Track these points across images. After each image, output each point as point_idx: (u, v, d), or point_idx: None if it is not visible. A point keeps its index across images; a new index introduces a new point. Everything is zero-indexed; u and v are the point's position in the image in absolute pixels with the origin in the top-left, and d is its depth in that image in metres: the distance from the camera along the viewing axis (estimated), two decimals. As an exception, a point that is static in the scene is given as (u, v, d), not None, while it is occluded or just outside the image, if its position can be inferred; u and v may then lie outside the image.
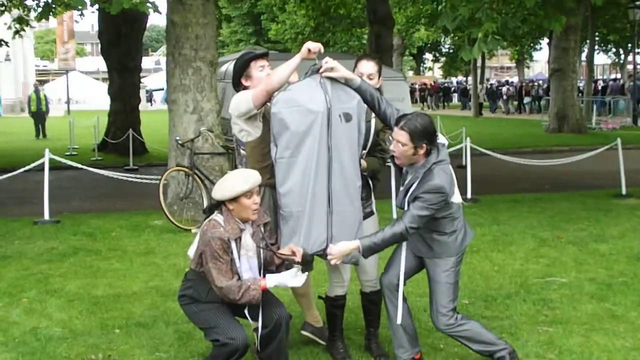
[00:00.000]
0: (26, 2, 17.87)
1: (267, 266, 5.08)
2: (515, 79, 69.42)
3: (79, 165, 13.61)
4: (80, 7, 12.67)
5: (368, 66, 5.51)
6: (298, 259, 4.99)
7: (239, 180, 4.88)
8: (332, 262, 4.94)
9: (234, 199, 4.87)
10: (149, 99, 60.54)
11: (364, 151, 5.38)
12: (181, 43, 11.85)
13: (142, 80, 27.91)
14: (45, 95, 31.71)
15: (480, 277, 8.01)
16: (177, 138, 11.66)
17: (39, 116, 30.62)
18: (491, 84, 55.92)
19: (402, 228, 4.91)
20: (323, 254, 5.08)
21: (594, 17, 34.79)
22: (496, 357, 5.24)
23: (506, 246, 9.57)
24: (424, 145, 4.96)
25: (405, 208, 5.02)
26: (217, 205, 5.01)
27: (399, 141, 4.97)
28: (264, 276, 4.98)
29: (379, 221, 5.77)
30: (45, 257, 9.31)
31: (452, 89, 62.15)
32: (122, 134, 21.87)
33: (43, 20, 14.88)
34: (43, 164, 12.37)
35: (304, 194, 4.99)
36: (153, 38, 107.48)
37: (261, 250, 5.04)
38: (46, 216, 11.73)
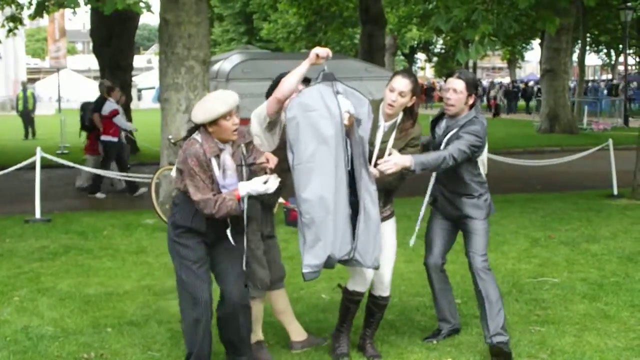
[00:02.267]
0: (19, 0, 17.81)
1: None
2: (507, 80, 69.54)
3: (71, 164, 13.58)
4: (73, 6, 12.62)
5: (402, 83, 5.39)
6: (271, 165, 5.04)
7: (217, 102, 4.90)
8: (389, 171, 5.17)
9: (213, 122, 4.90)
10: (140, 97, 60.42)
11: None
12: (174, 42, 11.83)
13: (133, 79, 27.86)
14: (32, 94, 31.11)
15: (472, 277, 8.02)
16: (170, 137, 11.65)
17: (26, 115, 30.21)
18: (509, 84, 55.80)
19: (447, 153, 5.46)
20: (348, 260, 5.09)
21: (585, 18, 34.88)
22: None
23: (498, 246, 9.59)
24: (474, 95, 5.72)
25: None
26: (197, 127, 5.04)
27: (456, 89, 5.67)
28: None
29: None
30: (37, 256, 9.29)
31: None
32: (114, 132, 21.82)
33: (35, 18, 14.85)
34: (34, 162, 12.34)
35: (325, 200, 4.93)
36: (145, 37, 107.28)
37: (243, 169, 5.05)
38: (37, 215, 11.70)
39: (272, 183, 4.88)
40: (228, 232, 5.07)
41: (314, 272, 5.00)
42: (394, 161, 5.19)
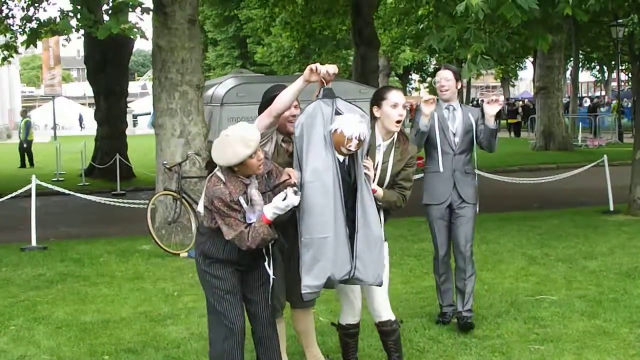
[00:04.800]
0: (13, 28, 17.83)
1: None
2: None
3: (66, 191, 13.55)
4: (66, 32, 12.65)
5: (402, 97, 5.44)
6: (293, 180, 4.91)
7: (240, 145, 4.73)
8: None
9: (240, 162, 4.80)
10: (135, 123, 60.54)
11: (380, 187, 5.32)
12: (167, 67, 11.85)
13: (128, 105, 27.88)
14: (26, 123, 30.55)
15: (470, 297, 7.98)
16: (165, 162, 11.63)
17: (20, 145, 30.00)
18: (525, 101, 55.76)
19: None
20: (348, 280, 5.01)
21: (577, 35, 35.04)
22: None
23: (495, 265, 9.56)
24: (460, 81, 6.78)
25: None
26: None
27: (447, 78, 6.73)
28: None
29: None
30: (33, 284, 9.25)
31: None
32: (109, 158, 21.83)
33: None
34: (30, 190, 12.31)
35: (327, 219, 4.87)
36: (139, 62, 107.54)
37: (267, 197, 4.94)
38: (33, 242, 11.66)
39: (291, 197, 4.76)
40: (267, 265, 5.03)
41: (313, 293, 4.95)
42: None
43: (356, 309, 5.51)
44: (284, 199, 4.77)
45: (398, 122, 5.36)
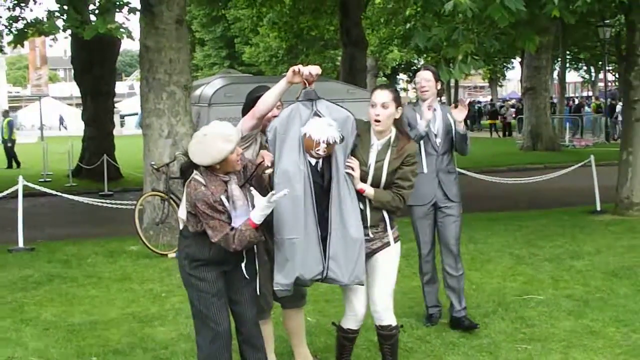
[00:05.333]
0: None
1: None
2: (489, 98, 69.85)
3: (53, 192, 13.52)
4: (53, 32, 12.62)
5: (381, 95, 5.30)
6: (267, 162, 4.98)
7: (221, 141, 4.75)
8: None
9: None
10: (123, 124, 60.43)
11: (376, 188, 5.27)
12: (155, 67, 11.85)
13: (115, 105, 27.82)
14: (9, 122, 30.40)
15: (458, 296, 8.02)
16: (152, 163, 11.62)
17: (4, 145, 29.88)
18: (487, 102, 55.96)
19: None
20: (322, 280, 5.03)
21: (565, 35, 35.17)
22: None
23: (483, 264, 9.60)
24: (440, 81, 6.93)
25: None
26: (194, 166, 4.91)
27: (427, 78, 6.81)
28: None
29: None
30: (20, 285, 9.23)
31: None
32: (97, 159, 21.78)
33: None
34: (17, 191, 12.28)
35: (296, 221, 4.91)
36: (126, 63, 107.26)
37: (246, 189, 4.96)
38: (20, 244, 11.63)
39: (277, 197, 4.75)
40: (243, 266, 5.04)
41: (284, 290, 5.02)
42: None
43: (359, 315, 5.46)
44: (270, 201, 4.74)
45: (376, 121, 5.26)
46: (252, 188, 4.94)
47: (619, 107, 33.19)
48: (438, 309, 7.18)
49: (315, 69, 5.01)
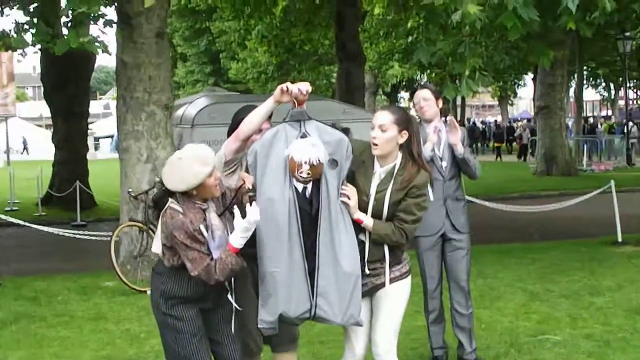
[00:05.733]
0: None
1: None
2: (499, 118, 70.08)
3: (21, 222, 13.49)
4: (21, 47, 12.64)
5: (381, 116, 5.21)
6: (247, 184, 4.95)
7: (197, 164, 4.78)
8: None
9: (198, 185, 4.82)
10: (97, 147, 60.47)
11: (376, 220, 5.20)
12: (133, 85, 11.87)
13: (89, 126, 27.84)
14: None
15: (466, 337, 8.01)
16: (130, 190, 11.62)
17: None
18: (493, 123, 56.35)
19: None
20: (312, 318, 4.98)
21: (581, 50, 35.30)
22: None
23: (493, 302, 9.60)
24: (440, 99, 6.97)
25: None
26: (170, 193, 4.91)
27: (425, 97, 6.83)
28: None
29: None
30: (-16, 325, 9.20)
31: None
32: (69, 186, 21.69)
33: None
34: (-20, 221, 12.26)
35: (278, 252, 4.87)
36: (101, 80, 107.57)
37: (225, 218, 4.97)
38: (-15, 279, 11.60)
39: (251, 213, 4.74)
40: (230, 297, 5.03)
41: (269, 328, 4.96)
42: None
43: (357, 356, 5.42)
44: (244, 219, 4.75)
45: (374, 145, 5.18)
46: (235, 208, 4.89)
47: (634, 128, 33.35)
48: (444, 350, 7.17)
49: (305, 86, 4.98)
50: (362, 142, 5.28)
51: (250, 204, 4.82)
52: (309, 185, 4.96)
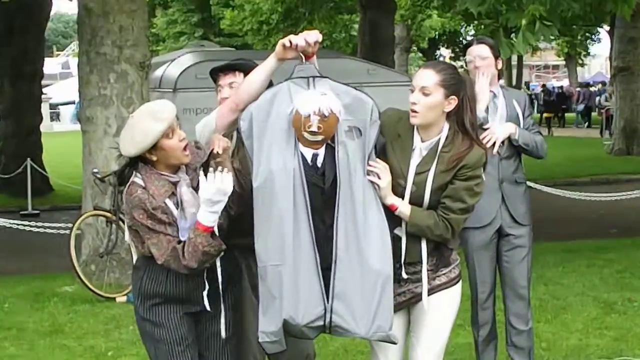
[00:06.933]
0: None
1: None
2: (565, 82, 69.85)
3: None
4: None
5: (423, 76, 5.11)
6: (216, 148, 4.94)
7: (149, 120, 4.76)
8: (490, 143, 6.32)
9: (153, 147, 4.79)
10: (55, 116, 60.57)
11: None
12: (99, 38, 11.86)
13: (44, 90, 27.87)
14: None
15: (522, 358, 8.03)
16: (95, 170, 11.61)
17: None
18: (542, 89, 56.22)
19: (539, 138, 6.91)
20: (326, 328, 4.84)
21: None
22: None
23: (558, 314, 9.60)
24: (500, 59, 7.07)
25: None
26: (132, 164, 4.92)
27: (482, 56, 6.83)
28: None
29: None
30: None
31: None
32: (17, 166, 21.75)
33: None
34: None
35: (281, 241, 4.72)
36: (60, 31, 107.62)
37: None
38: None
39: (221, 179, 4.71)
40: (204, 294, 4.98)
41: (272, 342, 4.80)
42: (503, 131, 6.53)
43: None
44: (210, 183, 4.71)
45: (412, 111, 5.03)
46: (201, 174, 4.83)
47: None
48: None
49: (313, 35, 4.86)
50: (396, 110, 5.19)
51: (240, 182, 4.80)
52: (321, 152, 4.84)
